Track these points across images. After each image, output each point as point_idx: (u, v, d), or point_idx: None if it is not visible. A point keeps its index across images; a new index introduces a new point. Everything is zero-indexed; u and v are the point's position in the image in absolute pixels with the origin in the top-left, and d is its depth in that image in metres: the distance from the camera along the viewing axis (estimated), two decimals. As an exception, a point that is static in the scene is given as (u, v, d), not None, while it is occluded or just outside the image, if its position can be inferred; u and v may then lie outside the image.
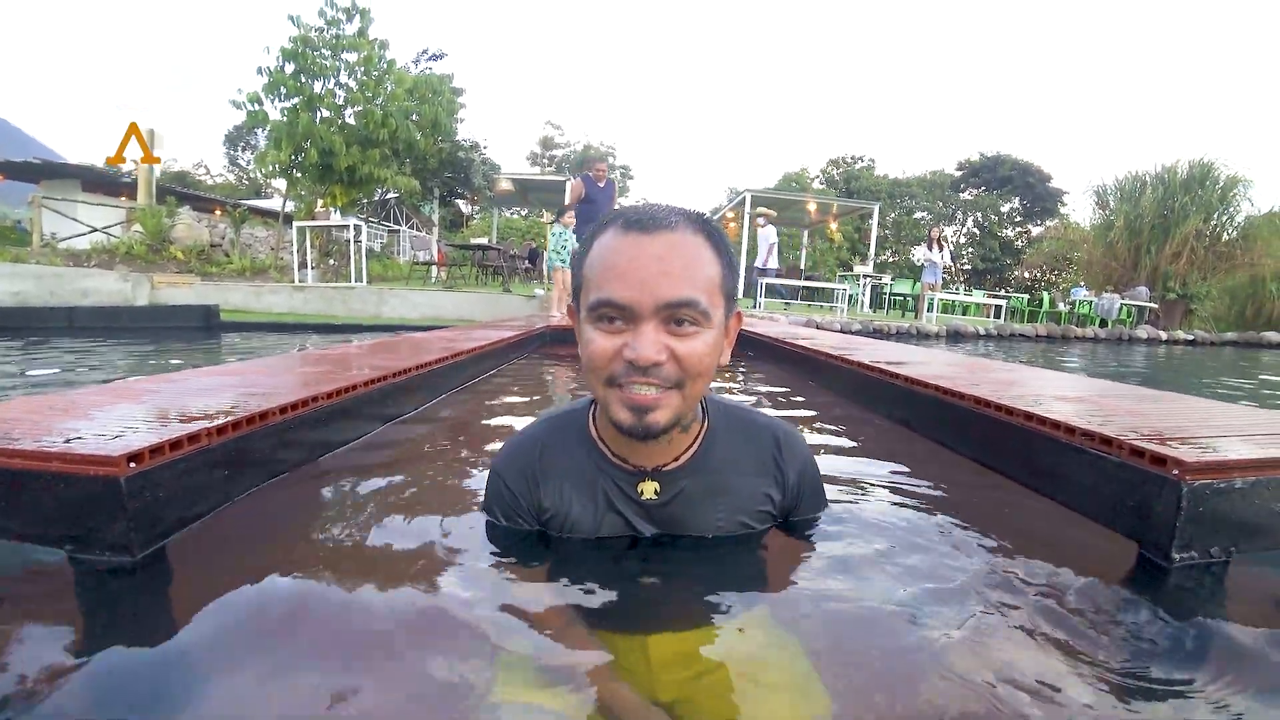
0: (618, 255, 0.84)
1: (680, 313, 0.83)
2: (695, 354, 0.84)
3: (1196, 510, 1.08)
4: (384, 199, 20.96)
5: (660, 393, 0.84)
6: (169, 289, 9.26)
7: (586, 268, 0.89)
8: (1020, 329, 12.66)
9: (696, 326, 0.84)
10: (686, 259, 0.84)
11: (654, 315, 0.82)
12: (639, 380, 0.83)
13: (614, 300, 0.83)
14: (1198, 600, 1.07)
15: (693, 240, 0.86)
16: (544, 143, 42.70)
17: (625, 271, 0.83)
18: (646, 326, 0.82)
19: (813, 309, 14.13)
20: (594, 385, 0.89)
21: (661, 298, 0.82)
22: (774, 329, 5.54)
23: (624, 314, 0.83)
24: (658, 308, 0.82)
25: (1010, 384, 1.99)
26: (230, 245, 13.20)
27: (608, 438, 1.01)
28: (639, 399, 0.84)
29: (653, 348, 0.82)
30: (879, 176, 37.72)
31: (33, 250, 10.78)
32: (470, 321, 8.65)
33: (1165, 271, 18.88)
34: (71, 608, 0.97)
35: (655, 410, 0.85)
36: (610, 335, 0.84)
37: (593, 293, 0.85)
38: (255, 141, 24.27)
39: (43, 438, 1.08)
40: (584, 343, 0.88)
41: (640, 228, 0.85)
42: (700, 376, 0.86)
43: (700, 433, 1.02)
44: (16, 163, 17.25)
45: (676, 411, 0.87)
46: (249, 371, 2.02)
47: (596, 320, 0.85)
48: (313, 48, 11.97)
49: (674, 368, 0.84)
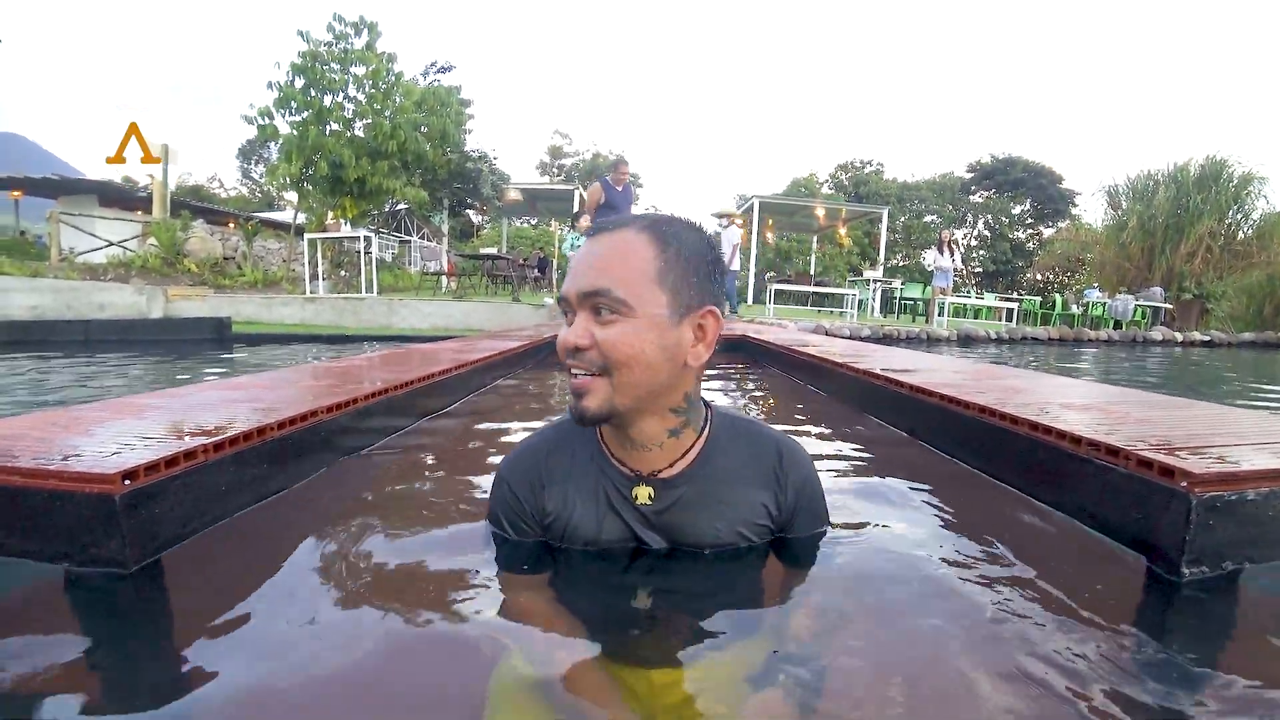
0: (575, 256, 0.95)
1: (596, 301, 0.89)
2: (611, 341, 0.89)
3: (1207, 523, 1.05)
4: (394, 210, 21.16)
5: (588, 378, 0.91)
6: (183, 301, 9.37)
7: None
8: (1032, 332, 12.53)
9: (615, 314, 0.89)
10: (615, 254, 0.91)
11: (580, 305, 0.91)
12: (572, 364, 0.91)
13: (562, 294, 0.94)
14: (1209, 615, 1.04)
15: (632, 238, 0.92)
16: (553, 152, 42.90)
17: (571, 269, 0.94)
18: (577, 316, 0.91)
19: (822, 314, 14.06)
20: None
21: (581, 288, 0.90)
22: (781, 335, 5.51)
23: (567, 306, 0.93)
24: (579, 298, 0.90)
25: (1016, 391, 1.96)
26: (243, 258, 13.34)
27: (609, 442, 1.02)
28: (574, 384, 0.92)
29: (573, 333, 0.90)
30: (888, 180, 37.60)
31: (51, 265, 10.96)
32: (480, 331, 8.68)
33: (1180, 271, 18.64)
34: (68, 621, 0.97)
35: (585, 395, 0.91)
36: (565, 327, 0.93)
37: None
38: (268, 155, 24.55)
39: (42, 455, 1.08)
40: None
41: (596, 231, 0.95)
42: (624, 365, 0.89)
43: (700, 441, 1.02)
44: (36, 179, 17.58)
45: (605, 399, 0.91)
46: (252, 385, 2.03)
47: (561, 315, 0.96)
48: (322, 62, 12.14)
49: (596, 354, 0.89)
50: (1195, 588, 1.06)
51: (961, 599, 1.04)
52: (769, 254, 29.63)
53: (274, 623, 0.94)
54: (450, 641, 0.90)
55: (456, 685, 0.81)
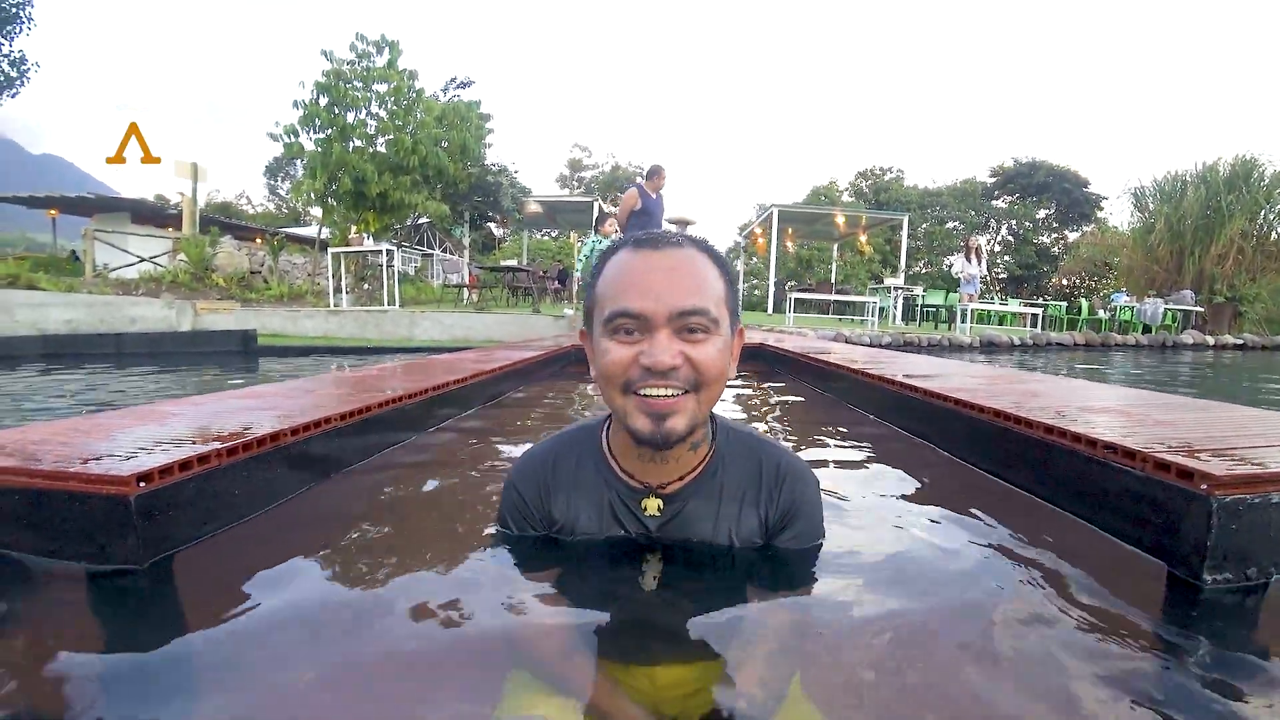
0: (631, 270, 0.90)
1: (692, 320, 0.87)
2: (708, 358, 0.88)
3: (1229, 528, 1.02)
4: (416, 224, 21.45)
5: (677, 398, 0.88)
6: (211, 315, 9.58)
7: (600, 286, 0.94)
8: (1058, 338, 12.30)
9: (707, 333, 0.89)
10: (695, 272, 0.90)
11: (668, 324, 0.87)
12: (656, 384, 0.87)
13: (630, 310, 0.87)
14: (1233, 625, 1.01)
15: (699, 257, 0.93)
16: (572, 165, 43.23)
17: (639, 283, 0.88)
18: (661, 334, 0.87)
19: (843, 322, 13.95)
20: (611, 395, 0.92)
21: (675, 306, 0.87)
22: (800, 343, 5.48)
23: (639, 324, 0.88)
24: (671, 316, 0.87)
25: (1033, 395, 1.92)
26: (269, 272, 13.63)
27: (619, 454, 1.03)
28: (657, 405, 0.88)
29: (668, 353, 0.86)
30: (909, 187, 37.25)
31: (85, 280, 11.27)
32: (499, 342, 8.75)
33: (1211, 274, 18.17)
34: (83, 619, 1.00)
35: (673, 416, 0.88)
36: (626, 345, 0.88)
37: (608, 306, 0.90)
38: (293, 172, 25.12)
39: (63, 458, 1.12)
40: (600, 354, 0.92)
41: (650, 245, 0.92)
42: (714, 382, 0.91)
43: (707, 455, 1.03)
44: (72, 197, 18.13)
45: (692, 417, 0.90)
46: (271, 394, 2.07)
47: (613, 332, 0.89)
48: (345, 80, 12.39)
49: (689, 371, 0.88)
50: (1218, 595, 1.03)
51: (970, 606, 1.03)
52: (789, 263, 29.51)
53: (283, 625, 0.95)
54: (462, 641, 0.90)
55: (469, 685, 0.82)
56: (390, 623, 0.96)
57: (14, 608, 1.01)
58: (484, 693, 0.79)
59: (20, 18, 14.01)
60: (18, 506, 1.06)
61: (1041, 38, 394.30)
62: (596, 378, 0.95)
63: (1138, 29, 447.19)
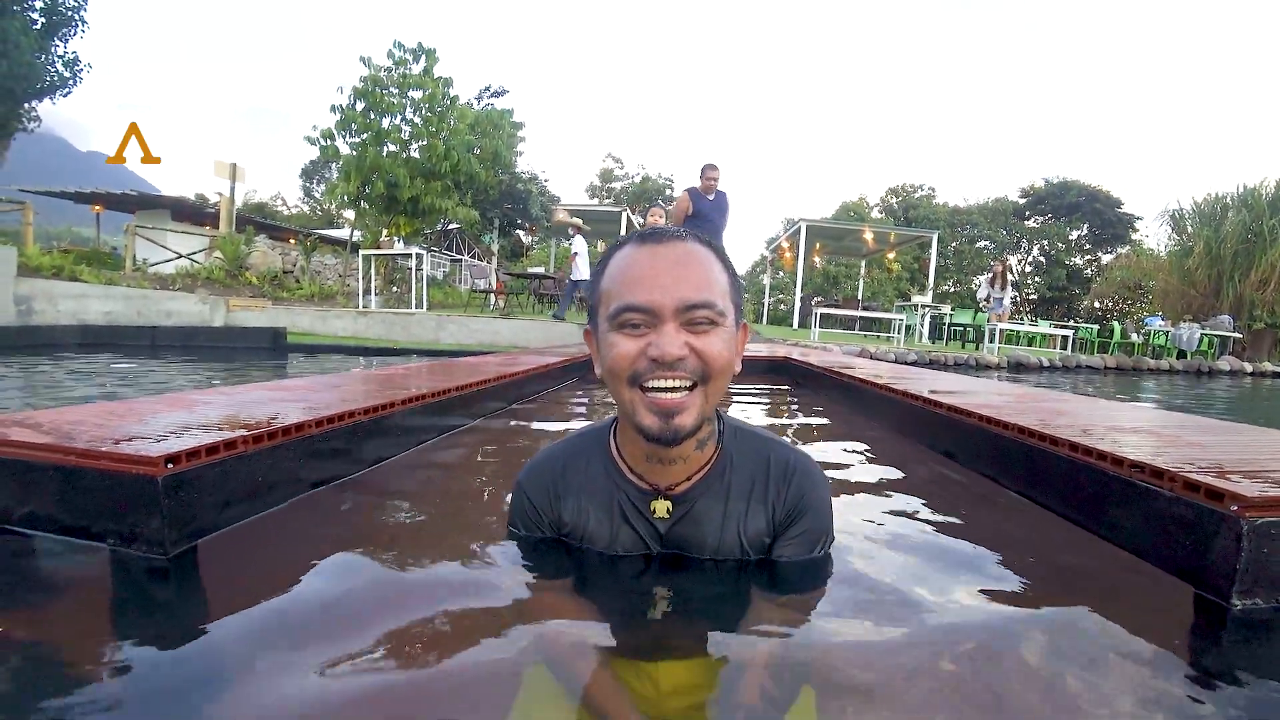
0: (636, 265, 0.91)
1: (698, 313, 0.88)
2: (715, 349, 0.89)
3: (1260, 551, 0.99)
4: (446, 229, 21.76)
5: (685, 394, 0.89)
6: (242, 311, 9.80)
7: (605, 282, 0.94)
8: (1088, 361, 12.03)
9: (713, 325, 0.89)
10: (700, 265, 0.91)
11: (674, 316, 0.88)
12: (664, 375, 0.87)
13: (636, 304, 0.88)
14: (1262, 651, 0.97)
15: (701, 251, 0.93)
16: (603, 175, 43.45)
17: (645, 277, 0.89)
18: (668, 326, 0.87)
19: (869, 339, 13.82)
20: (619, 390, 0.92)
21: (683, 298, 0.87)
22: (824, 358, 5.44)
23: (646, 317, 0.88)
24: (678, 309, 0.87)
25: (1059, 414, 1.89)
26: (301, 272, 13.91)
27: (628, 456, 1.03)
28: (664, 402, 0.88)
29: (675, 344, 0.86)
30: (939, 205, 36.85)
31: (124, 274, 11.62)
32: (524, 347, 8.82)
33: (1251, 299, 17.64)
34: (108, 599, 1.02)
35: (680, 413, 0.89)
36: (633, 339, 0.89)
37: (614, 301, 0.90)
38: (328, 175, 25.65)
39: (95, 439, 1.15)
40: (606, 348, 0.92)
41: (654, 240, 0.93)
42: (720, 374, 0.91)
43: (714, 454, 1.03)
44: (115, 194, 18.71)
45: (699, 412, 0.91)
46: (298, 387, 2.11)
47: (619, 327, 0.90)
48: (381, 86, 12.64)
49: (696, 362, 0.88)
50: (1247, 619, 1.00)
51: (987, 624, 1.01)
52: (816, 278, 29.34)
53: (300, 619, 0.96)
54: (478, 638, 0.91)
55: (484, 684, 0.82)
56: (407, 618, 0.96)
57: (38, 589, 1.04)
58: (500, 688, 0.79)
59: (75, 21, 14.54)
60: (50, 483, 1.10)
61: (1075, 57, 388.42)
62: (603, 373, 0.95)
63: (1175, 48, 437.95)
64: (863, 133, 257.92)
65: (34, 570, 1.09)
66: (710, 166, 6.65)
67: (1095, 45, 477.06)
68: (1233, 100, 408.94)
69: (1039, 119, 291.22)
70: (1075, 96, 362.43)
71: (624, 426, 1.00)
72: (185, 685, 0.80)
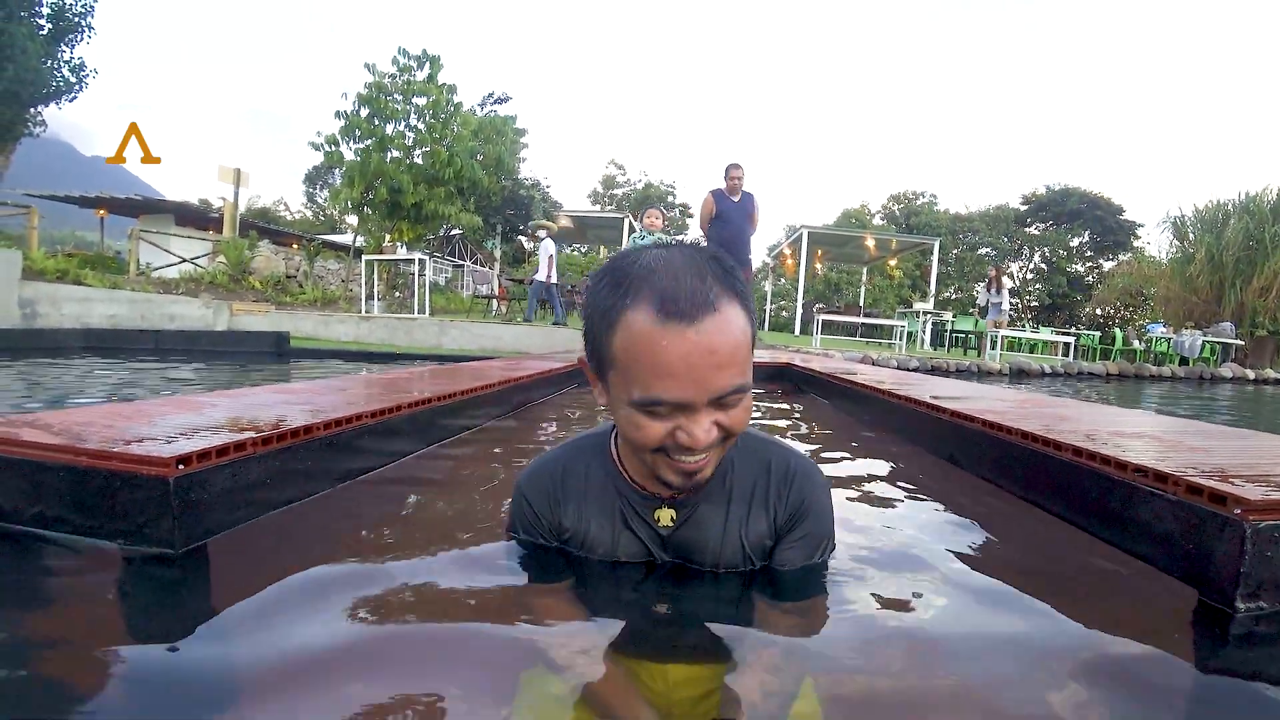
0: (663, 353, 0.80)
1: (730, 399, 0.84)
2: (740, 420, 0.88)
3: (1263, 554, 1.00)
4: (448, 235, 21.82)
5: (705, 456, 0.88)
6: (246, 316, 9.83)
7: (619, 353, 0.84)
8: (1090, 367, 12.02)
9: (741, 395, 0.86)
10: (733, 344, 0.82)
11: (707, 405, 0.83)
12: (688, 454, 0.86)
13: (668, 400, 0.82)
14: (1266, 654, 0.98)
15: (732, 314, 0.83)
16: (606, 181, 43.56)
17: (675, 370, 0.80)
18: (700, 414, 0.83)
19: (870, 346, 13.82)
20: (640, 454, 0.91)
21: (717, 390, 0.82)
22: (826, 364, 5.45)
23: (676, 407, 0.83)
24: (712, 400, 0.83)
25: (1062, 419, 1.89)
26: (304, 276, 13.96)
27: (629, 463, 1.02)
28: (689, 467, 0.88)
29: (708, 435, 0.84)
30: (940, 212, 36.92)
31: (128, 278, 11.66)
32: (526, 353, 8.83)
33: (1253, 307, 17.61)
34: (118, 598, 1.03)
35: (702, 471, 0.89)
36: (660, 420, 0.85)
37: (637, 389, 0.83)
38: (332, 180, 25.76)
39: (106, 439, 1.16)
40: (629, 425, 0.87)
41: (681, 319, 0.80)
42: (739, 432, 0.90)
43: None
44: (120, 198, 18.81)
45: (717, 462, 0.92)
46: (305, 390, 2.12)
47: (646, 411, 0.84)
48: (386, 93, 12.72)
49: (720, 434, 0.86)
50: (1251, 623, 1.00)
51: (989, 626, 1.01)
52: (818, 285, 29.37)
53: (306, 621, 0.96)
54: (479, 641, 0.91)
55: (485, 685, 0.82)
56: (411, 621, 0.97)
57: (48, 589, 1.05)
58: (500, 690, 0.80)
59: (82, 26, 14.66)
60: (62, 483, 1.11)
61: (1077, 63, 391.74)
62: (621, 433, 0.92)
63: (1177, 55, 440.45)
64: (865, 140, 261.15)
65: (45, 569, 1.09)
66: (734, 166, 6.24)
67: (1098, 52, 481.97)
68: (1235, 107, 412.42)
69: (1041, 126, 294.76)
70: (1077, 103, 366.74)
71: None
72: (194, 684, 0.80)
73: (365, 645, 0.90)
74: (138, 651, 0.87)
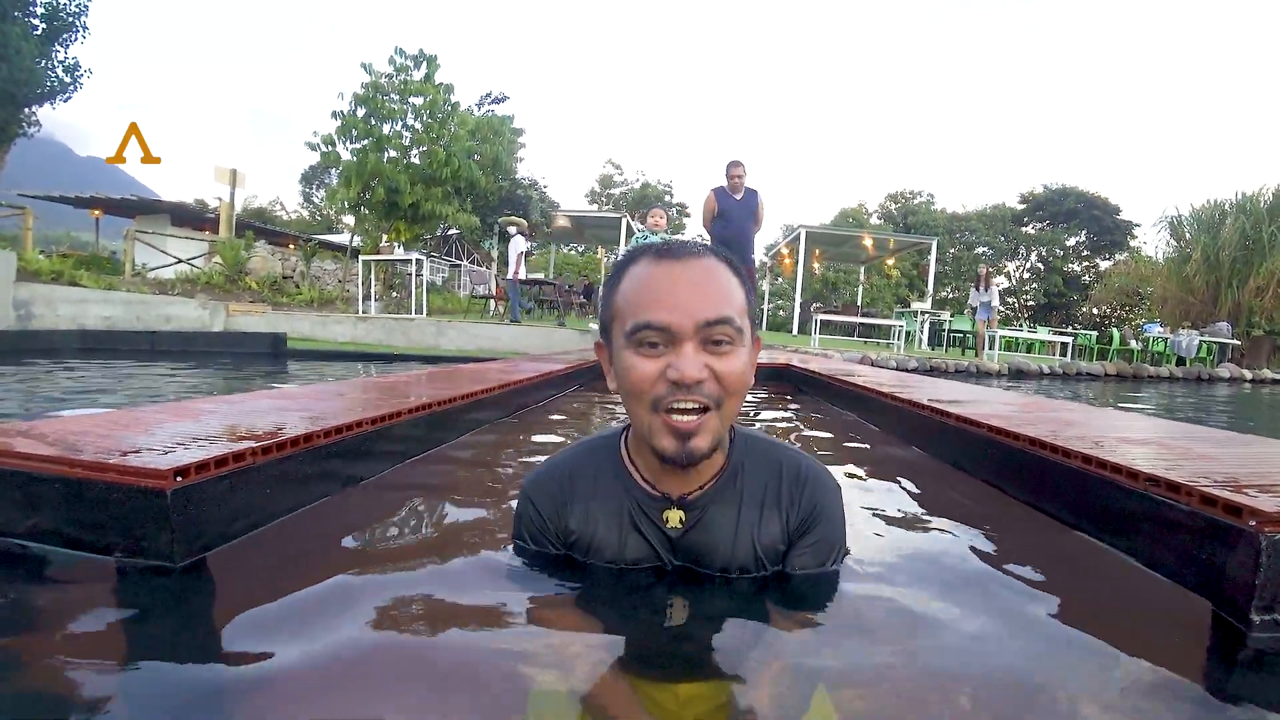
0: (653, 281, 0.90)
1: (717, 331, 0.87)
2: (734, 371, 0.89)
3: (1278, 567, 0.98)
4: (446, 234, 21.79)
5: (699, 417, 0.88)
6: (242, 316, 9.80)
7: (619, 298, 0.93)
8: (1088, 368, 12.04)
9: (732, 345, 0.89)
10: (719, 281, 0.90)
11: (694, 335, 0.87)
12: (682, 398, 0.87)
13: (654, 323, 0.87)
14: None
15: (721, 266, 0.93)
16: (603, 181, 43.54)
17: (663, 296, 0.88)
18: (687, 346, 0.86)
19: (868, 346, 13.82)
20: (638, 412, 0.92)
21: (701, 317, 0.86)
22: (825, 365, 5.44)
23: (664, 336, 0.87)
24: (698, 327, 0.86)
25: (1068, 424, 1.88)
26: (300, 277, 13.91)
27: (640, 463, 1.02)
28: (682, 425, 0.88)
29: (695, 366, 0.86)
30: (937, 211, 36.98)
31: (124, 279, 11.61)
32: (524, 354, 8.81)
33: (1249, 306, 17.69)
34: (115, 612, 1.01)
35: (697, 436, 0.88)
36: (651, 359, 0.88)
37: (630, 319, 0.89)
38: (328, 180, 25.69)
39: (103, 450, 1.14)
40: (624, 370, 0.91)
41: (671, 255, 0.91)
42: (737, 394, 0.91)
43: (725, 461, 1.02)
44: (115, 199, 18.74)
45: (715, 434, 0.91)
46: (302, 395, 2.10)
47: (637, 346, 0.89)
48: (382, 92, 12.69)
49: (714, 385, 0.88)
50: (1267, 635, 0.99)
51: (999, 636, 1.00)
52: (815, 284, 29.41)
53: (307, 635, 0.94)
54: (487, 653, 0.90)
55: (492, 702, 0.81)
56: (415, 633, 0.95)
57: (43, 603, 1.03)
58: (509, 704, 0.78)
59: (76, 26, 14.57)
60: (57, 495, 1.08)
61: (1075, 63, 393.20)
62: (620, 393, 0.94)
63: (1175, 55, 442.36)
64: (862, 139, 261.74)
65: (40, 583, 1.07)
66: (735, 163, 6.12)
67: (1096, 52, 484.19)
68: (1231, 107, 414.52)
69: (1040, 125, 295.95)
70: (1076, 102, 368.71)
71: (636, 434, 0.99)
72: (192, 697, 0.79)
73: (367, 660, 0.88)
74: (134, 665, 0.85)
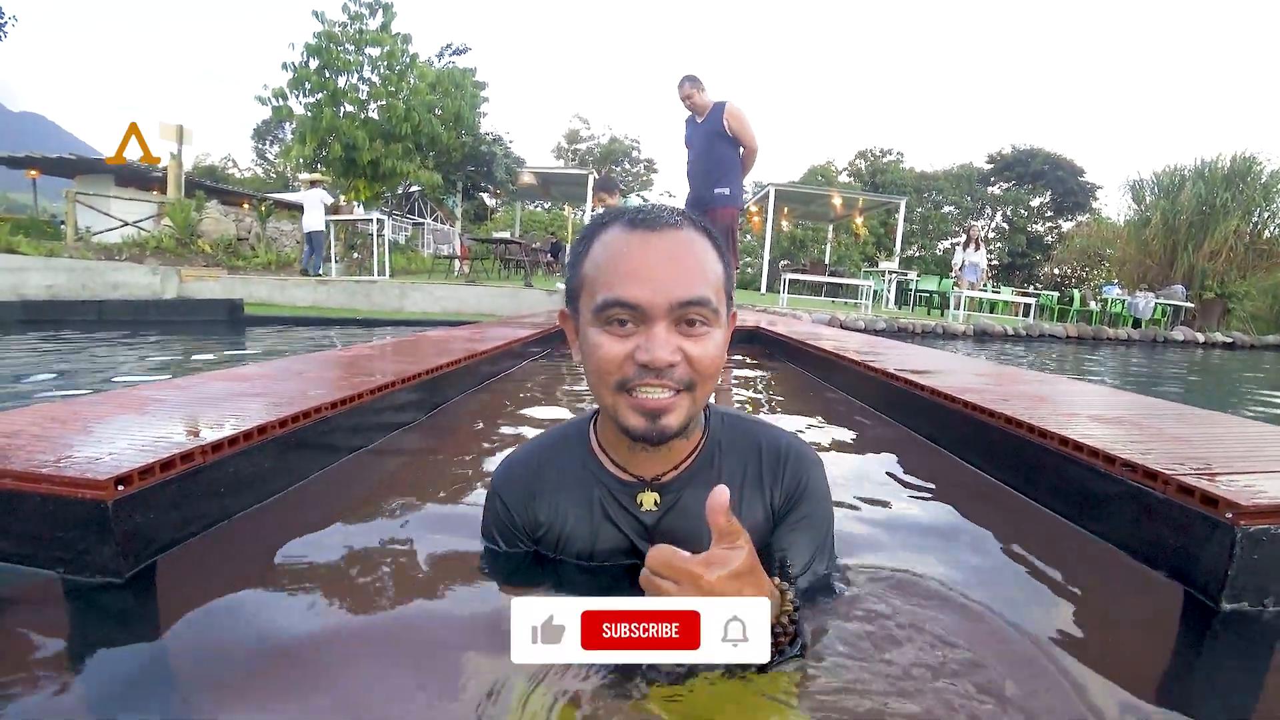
0: (626, 254, 0.82)
1: (692, 312, 0.81)
2: (708, 355, 0.83)
3: (1251, 558, 1.00)
4: (407, 193, 21.15)
5: (672, 396, 0.82)
6: (196, 282, 9.41)
7: (588, 266, 0.86)
8: (1050, 329, 12.34)
9: (707, 326, 0.83)
10: (696, 257, 0.84)
11: (667, 315, 0.80)
12: (651, 383, 0.81)
13: (625, 300, 0.80)
14: (1248, 650, 0.99)
15: (699, 239, 0.86)
16: (570, 136, 42.54)
17: (636, 270, 0.81)
18: (659, 327, 0.80)
19: (837, 305, 13.94)
20: (601, 392, 0.86)
21: (676, 297, 0.80)
22: (795, 328, 5.44)
23: (635, 315, 0.81)
24: (671, 307, 0.80)
25: (1042, 399, 1.89)
26: (256, 239, 13.38)
27: (609, 447, 0.97)
28: (651, 403, 0.82)
29: (666, 349, 0.80)
30: (906, 170, 37.10)
31: (67, 244, 11.03)
32: (491, 316, 8.66)
33: (1202, 270, 18.29)
34: (59, 626, 0.95)
35: (668, 414, 0.83)
36: (620, 339, 0.82)
37: (600, 292, 0.82)
38: (282, 135, 24.60)
39: (36, 455, 1.06)
40: (590, 347, 0.84)
41: (646, 225, 0.84)
42: (710, 377, 0.85)
43: (700, 441, 0.98)
44: (52, 158, 17.69)
45: (687, 414, 0.85)
46: (259, 376, 2.00)
47: (605, 323, 0.82)
48: (336, 43, 12.09)
49: (686, 370, 0.82)
50: (1235, 620, 1.01)
51: (979, 621, 0.99)
52: (784, 242, 29.44)
53: (267, 634, 0.91)
54: (459, 655, 0.86)
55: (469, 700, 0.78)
56: (382, 636, 0.92)
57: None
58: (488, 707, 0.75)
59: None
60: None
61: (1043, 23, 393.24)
62: (586, 371, 0.88)
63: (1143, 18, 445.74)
64: (831, 96, 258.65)
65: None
66: (682, 80, 4.92)
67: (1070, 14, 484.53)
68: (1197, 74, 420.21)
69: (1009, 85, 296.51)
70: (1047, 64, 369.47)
71: (605, 417, 0.93)
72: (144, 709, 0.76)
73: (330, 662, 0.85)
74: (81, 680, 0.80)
